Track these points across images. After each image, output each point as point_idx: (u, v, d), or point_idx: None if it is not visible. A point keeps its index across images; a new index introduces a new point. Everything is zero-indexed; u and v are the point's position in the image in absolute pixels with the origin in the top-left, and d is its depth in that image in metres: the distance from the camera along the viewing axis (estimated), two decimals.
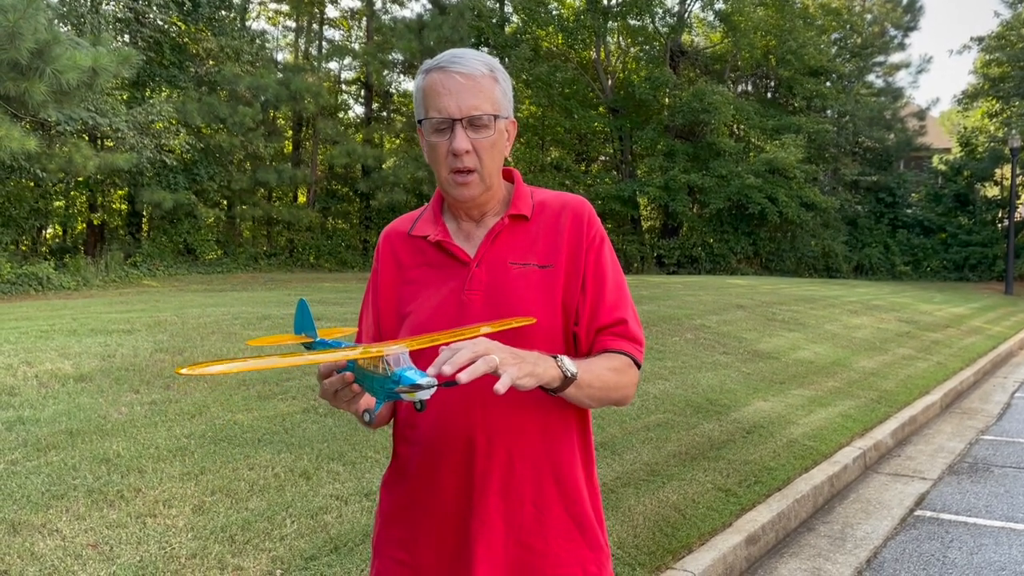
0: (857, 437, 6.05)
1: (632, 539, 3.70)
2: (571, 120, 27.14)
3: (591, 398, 1.42)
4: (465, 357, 1.17)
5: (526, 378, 1.24)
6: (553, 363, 1.32)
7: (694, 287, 14.64)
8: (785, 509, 4.41)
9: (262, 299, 10.24)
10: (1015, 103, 28.57)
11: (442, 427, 1.46)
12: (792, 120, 27.16)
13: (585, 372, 1.38)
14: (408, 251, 1.55)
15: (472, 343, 1.20)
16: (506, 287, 1.47)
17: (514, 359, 1.24)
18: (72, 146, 13.86)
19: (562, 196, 1.59)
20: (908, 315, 13.72)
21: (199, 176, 19.52)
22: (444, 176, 1.47)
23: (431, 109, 1.44)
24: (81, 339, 6.06)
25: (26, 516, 3.30)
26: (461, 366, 1.16)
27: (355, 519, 3.54)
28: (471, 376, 1.15)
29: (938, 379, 8.75)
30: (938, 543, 4.39)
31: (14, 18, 9.29)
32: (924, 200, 30.89)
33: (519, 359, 1.25)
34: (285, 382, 5.46)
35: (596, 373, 1.41)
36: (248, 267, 20.50)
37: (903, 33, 31.65)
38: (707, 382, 6.95)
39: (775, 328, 10.30)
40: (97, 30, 14.20)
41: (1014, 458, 6.19)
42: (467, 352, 1.18)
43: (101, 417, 4.48)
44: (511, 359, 1.23)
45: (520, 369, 1.23)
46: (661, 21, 28.10)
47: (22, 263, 14.53)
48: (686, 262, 26.91)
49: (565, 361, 1.34)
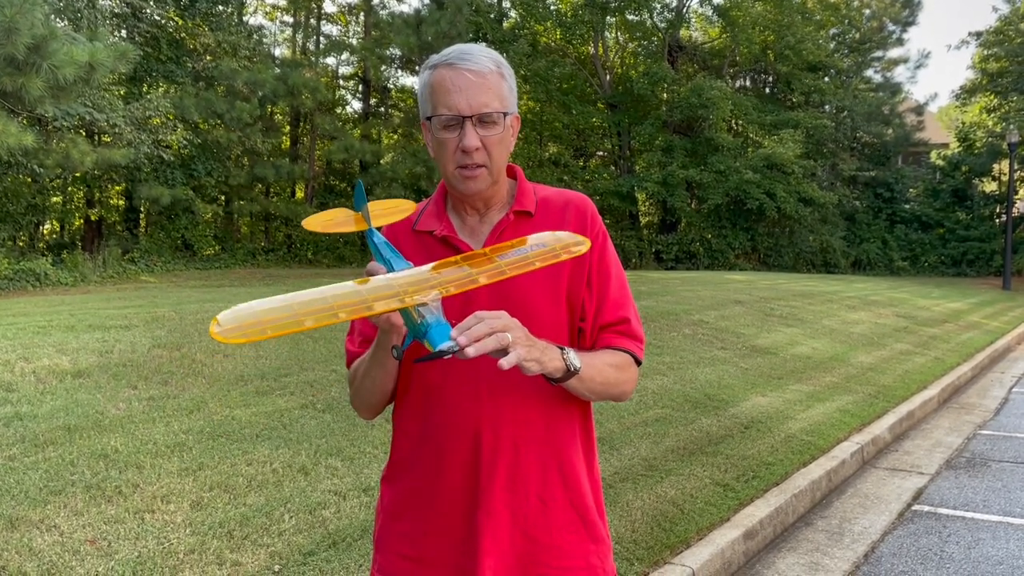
0: (855, 432, 6.06)
1: (630, 534, 3.71)
2: (569, 115, 27.09)
3: (591, 391, 1.45)
4: (481, 331, 1.19)
5: (532, 363, 1.27)
6: (559, 354, 1.35)
7: (692, 282, 14.64)
8: (783, 504, 4.42)
9: (260, 294, 10.19)
10: (1013, 98, 28.56)
11: (447, 419, 1.46)
12: (790, 115, 27.14)
13: (588, 366, 1.40)
14: (412, 245, 1.54)
15: (494, 316, 1.23)
16: (511, 282, 1.47)
17: (527, 340, 1.27)
18: (69, 141, 13.81)
19: (564, 193, 1.60)
20: (906, 310, 13.74)
21: (197, 172, 19.47)
22: (451, 171, 1.46)
23: (440, 106, 1.43)
24: (79, 335, 6.05)
25: (24, 512, 3.30)
26: (476, 338, 1.18)
27: (353, 514, 3.54)
28: (478, 352, 1.17)
29: (936, 374, 8.76)
30: (936, 537, 4.40)
31: (10, 13, 9.25)
32: (922, 195, 30.90)
33: (531, 343, 1.28)
34: (283, 377, 5.46)
35: (598, 368, 1.44)
36: (246, 263, 20.47)
37: (901, 28, 31.64)
38: (705, 377, 6.95)
39: (773, 323, 10.31)
40: (94, 25, 14.13)
41: (1011, 453, 6.21)
42: (484, 326, 1.20)
43: (99, 413, 4.47)
44: (524, 339, 1.26)
45: (529, 352, 1.26)
46: (659, 16, 28.03)
47: (19, 259, 14.49)
48: (684, 257, 26.90)
49: (570, 354, 1.37)
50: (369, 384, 1.49)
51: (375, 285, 1.21)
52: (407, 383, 1.51)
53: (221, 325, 1.06)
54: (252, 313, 1.10)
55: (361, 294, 1.18)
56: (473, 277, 1.26)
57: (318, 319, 1.10)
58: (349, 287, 1.20)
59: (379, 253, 1.40)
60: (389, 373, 1.47)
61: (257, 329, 1.06)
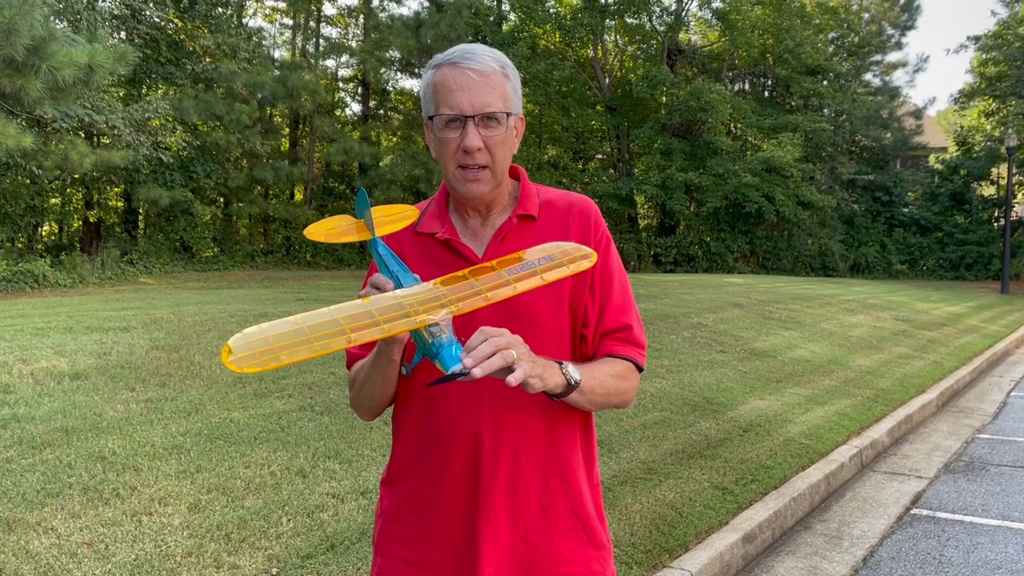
0: (854, 435, 6.06)
1: (629, 537, 3.70)
2: (568, 118, 27.11)
3: (592, 403, 1.45)
4: (486, 351, 1.20)
5: (535, 379, 1.28)
6: (558, 369, 1.35)
7: (691, 285, 14.65)
8: (782, 507, 4.41)
9: (259, 296, 10.22)
10: (1011, 102, 28.60)
11: (449, 425, 1.45)
12: (789, 119, 27.16)
13: (588, 379, 1.40)
14: (413, 247, 1.53)
15: (497, 334, 1.23)
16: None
17: (530, 357, 1.27)
18: (68, 143, 13.80)
19: (568, 196, 1.58)
20: (904, 314, 13.74)
21: (196, 173, 19.46)
22: (452, 171, 1.45)
23: (442, 105, 1.42)
24: (77, 336, 6.04)
25: (21, 514, 3.29)
26: (482, 358, 1.19)
27: (351, 517, 3.53)
28: (485, 372, 1.18)
29: (934, 378, 8.76)
30: (934, 542, 4.39)
31: (10, 14, 9.25)
32: (921, 199, 30.94)
33: (533, 359, 1.28)
34: (282, 380, 5.45)
35: (599, 380, 1.44)
36: (245, 264, 20.46)
37: (900, 32, 31.71)
38: (704, 380, 6.95)
39: (772, 326, 10.31)
40: (93, 27, 14.12)
41: (1010, 457, 6.21)
42: (488, 346, 1.20)
43: (97, 415, 4.46)
44: (527, 356, 1.27)
45: (532, 368, 1.26)
46: (658, 19, 28.08)
47: (18, 260, 14.47)
48: (683, 260, 26.91)
49: (569, 368, 1.37)
50: (370, 389, 1.48)
51: (385, 305, 1.21)
52: (408, 388, 1.51)
53: (234, 353, 1.07)
54: (263, 339, 1.10)
55: (372, 315, 1.18)
56: (482, 293, 1.26)
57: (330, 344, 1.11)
58: (359, 307, 1.20)
59: (385, 266, 1.39)
60: (390, 380, 1.46)
61: (271, 356, 1.07)
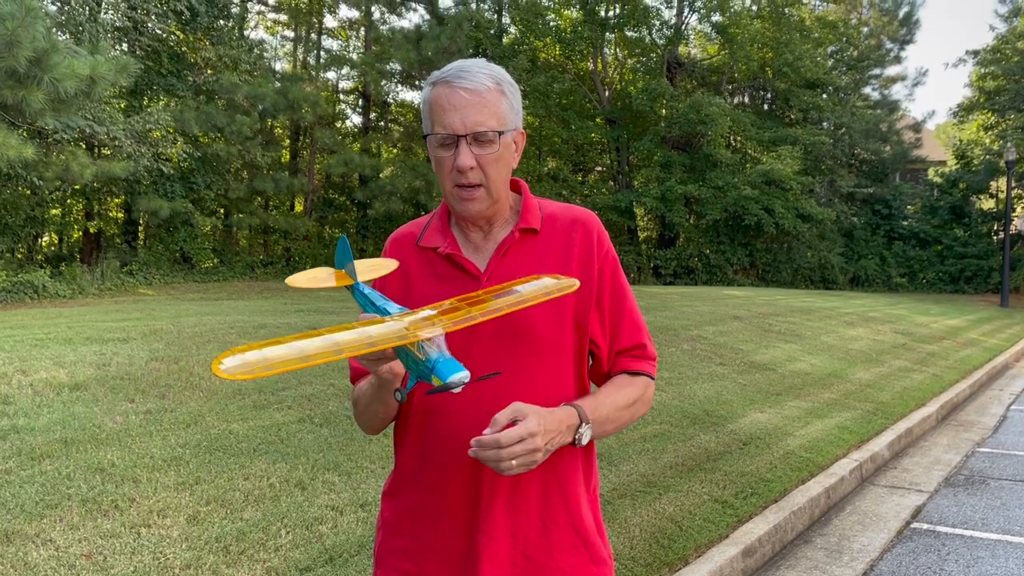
0: (854, 449, 6.05)
1: (628, 551, 3.69)
2: (568, 130, 27.19)
3: (606, 434, 1.51)
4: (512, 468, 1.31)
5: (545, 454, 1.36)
6: (574, 429, 1.42)
7: (691, 298, 14.65)
8: (782, 521, 4.40)
9: (258, 308, 10.22)
10: (1010, 116, 28.71)
11: (450, 439, 1.45)
12: (788, 132, 27.25)
13: (598, 424, 1.46)
14: (416, 261, 1.54)
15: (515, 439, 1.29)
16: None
17: (545, 444, 1.34)
18: (69, 154, 13.83)
19: (571, 209, 1.59)
20: (904, 327, 13.74)
21: (196, 184, 19.50)
22: (449, 189, 1.46)
23: (436, 124, 1.43)
24: (76, 348, 6.04)
25: (19, 525, 3.28)
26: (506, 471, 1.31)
27: (351, 530, 3.52)
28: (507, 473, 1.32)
29: (934, 391, 8.75)
30: (935, 556, 4.38)
31: (12, 26, 9.29)
32: (920, 212, 31.00)
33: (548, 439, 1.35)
34: (281, 391, 5.44)
35: (608, 415, 1.49)
36: (244, 276, 20.46)
37: (899, 46, 31.87)
38: (703, 393, 6.94)
39: (771, 339, 10.30)
40: (95, 39, 14.18)
41: (1010, 470, 6.19)
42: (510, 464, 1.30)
43: (96, 426, 4.46)
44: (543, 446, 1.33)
45: (548, 445, 1.35)
46: (658, 33, 28.21)
47: (18, 271, 14.48)
48: (683, 272, 26.92)
49: (583, 432, 1.43)
50: (371, 415, 1.51)
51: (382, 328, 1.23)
52: (409, 403, 1.51)
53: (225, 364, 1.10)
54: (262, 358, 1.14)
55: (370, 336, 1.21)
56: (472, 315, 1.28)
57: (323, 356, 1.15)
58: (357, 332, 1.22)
59: (371, 303, 1.39)
60: (390, 408, 1.48)
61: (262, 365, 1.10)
